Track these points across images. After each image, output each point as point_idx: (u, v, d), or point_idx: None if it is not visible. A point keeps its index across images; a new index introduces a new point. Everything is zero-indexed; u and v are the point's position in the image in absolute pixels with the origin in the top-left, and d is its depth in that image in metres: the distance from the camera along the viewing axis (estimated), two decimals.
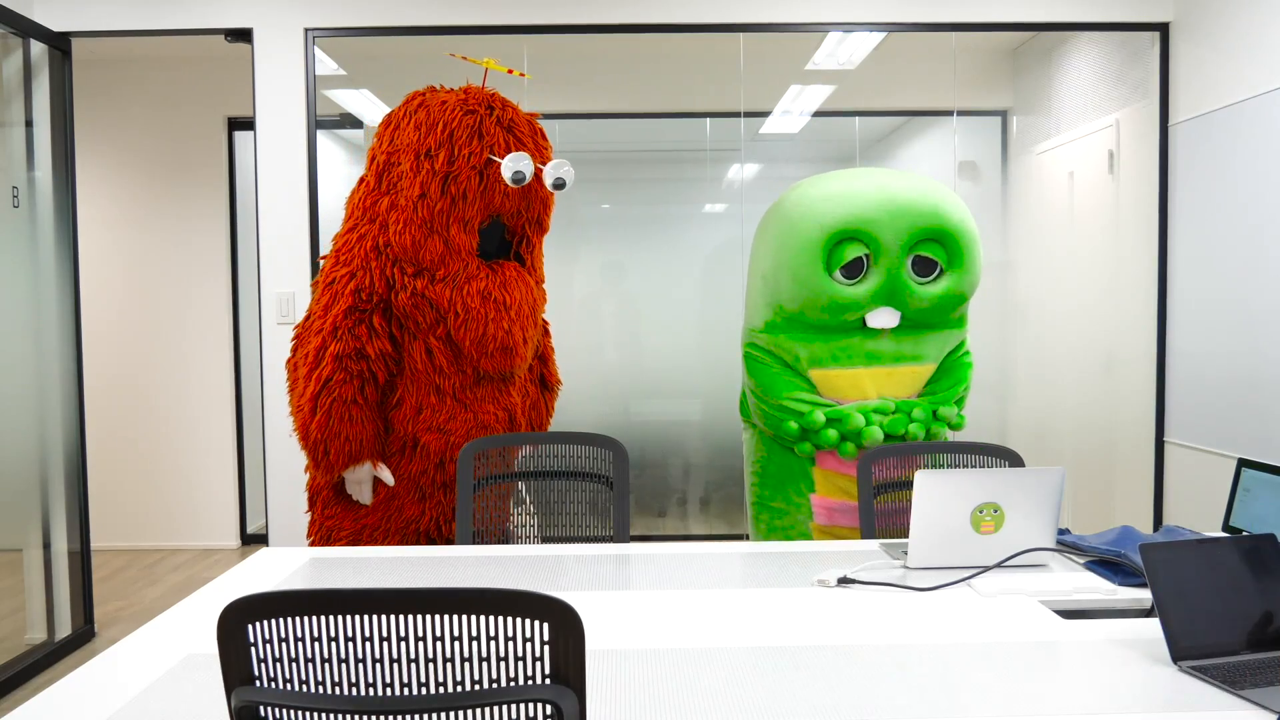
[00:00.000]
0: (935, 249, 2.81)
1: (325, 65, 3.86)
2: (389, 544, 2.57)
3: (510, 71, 2.76)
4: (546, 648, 1.04)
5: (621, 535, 2.36)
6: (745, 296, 3.15)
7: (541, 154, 2.59)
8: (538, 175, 2.56)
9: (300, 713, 1.07)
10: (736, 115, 4.33)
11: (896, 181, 2.85)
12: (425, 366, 2.53)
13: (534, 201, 2.61)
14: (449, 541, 2.61)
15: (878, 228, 2.76)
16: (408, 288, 2.50)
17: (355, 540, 2.57)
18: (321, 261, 2.69)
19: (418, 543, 2.59)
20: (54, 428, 3.69)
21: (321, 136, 3.73)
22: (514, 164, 2.45)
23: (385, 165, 2.57)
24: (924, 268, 2.82)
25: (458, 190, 2.47)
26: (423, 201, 2.48)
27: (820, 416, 2.79)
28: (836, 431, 2.79)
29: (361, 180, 2.62)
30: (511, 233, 2.64)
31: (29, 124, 3.62)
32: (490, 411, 2.58)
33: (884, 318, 2.84)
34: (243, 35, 3.69)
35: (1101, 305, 4.08)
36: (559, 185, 2.57)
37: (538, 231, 2.68)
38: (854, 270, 2.80)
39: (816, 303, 2.80)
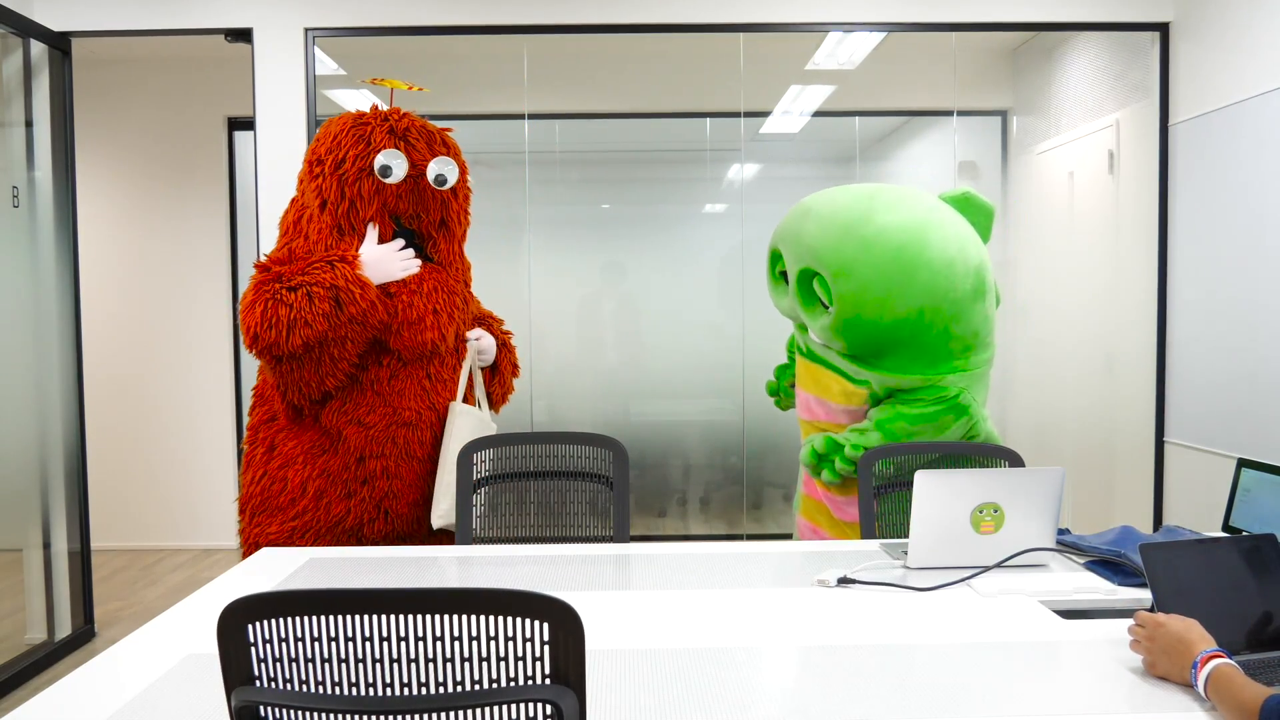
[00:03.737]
0: (820, 280, 2.74)
1: (325, 65, 3.86)
2: (320, 545, 2.57)
3: (410, 88, 2.89)
4: (546, 648, 1.04)
5: (621, 535, 2.36)
6: None
7: (435, 157, 2.65)
8: (424, 175, 2.61)
9: (300, 713, 1.07)
10: (736, 115, 4.33)
11: (840, 204, 2.74)
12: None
13: (430, 204, 2.64)
14: (375, 542, 2.61)
15: (785, 246, 2.84)
16: None
17: (287, 542, 2.57)
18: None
19: (347, 543, 2.59)
20: (54, 427, 3.69)
21: None
22: (382, 159, 2.55)
23: (303, 182, 2.69)
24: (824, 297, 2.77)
25: (353, 191, 2.56)
26: (326, 210, 2.58)
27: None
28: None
29: (292, 200, 2.72)
30: (420, 236, 2.68)
31: (29, 124, 3.62)
32: (411, 408, 2.59)
33: (811, 329, 2.86)
34: (243, 35, 3.69)
35: (1101, 305, 4.08)
36: (440, 181, 2.63)
37: (445, 235, 2.71)
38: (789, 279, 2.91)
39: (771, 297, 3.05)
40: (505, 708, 1.06)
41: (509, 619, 1.03)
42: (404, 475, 2.58)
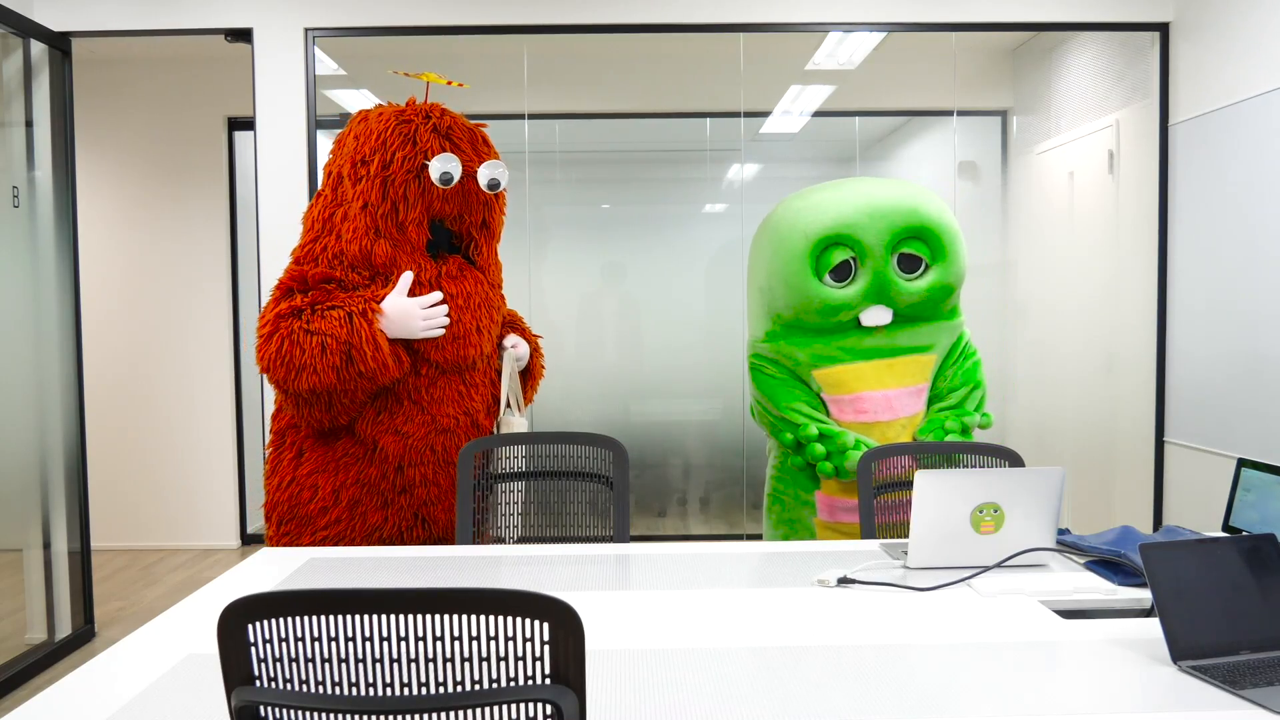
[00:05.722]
0: (918, 246, 2.93)
1: (325, 65, 3.86)
2: None
3: (450, 83, 2.82)
4: (546, 648, 1.04)
5: (621, 535, 2.36)
6: (746, 310, 3.25)
7: (480, 159, 2.62)
8: (472, 177, 2.59)
9: (300, 713, 1.07)
10: (736, 115, 4.33)
11: (876, 187, 2.98)
12: None
13: (474, 205, 2.63)
14: None
15: (860, 230, 2.89)
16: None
17: None
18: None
19: None
20: (54, 427, 3.69)
21: (321, 136, 3.73)
22: (441, 165, 2.52)
23: (338, 178, 2.62)
24: (909, 264, 2.94)
25: (397, 194, 2.53)
26: (365, 210, 2.54)
27: (813, 430, 2.90)
28: (824, 448, 2.88)
29: (319, 194, 2.68)
30: (458, 237, 2.67)
31: (29, 124, 3.62)
32: (449, 415, 2.58)
33: (876, 315, 2.95)
34: (243, 35, 3.69)
35: (1101, 305, 4.08)
36: (493, 186, 2.62)
37: (486, 236, 2.70)
38: (843, 273, 2.93)
39: (810, 306, 2.93)
40: (505, 708, 1.06)
41: (509, 619, 1.03)
42: (441, 482, 2.58)
